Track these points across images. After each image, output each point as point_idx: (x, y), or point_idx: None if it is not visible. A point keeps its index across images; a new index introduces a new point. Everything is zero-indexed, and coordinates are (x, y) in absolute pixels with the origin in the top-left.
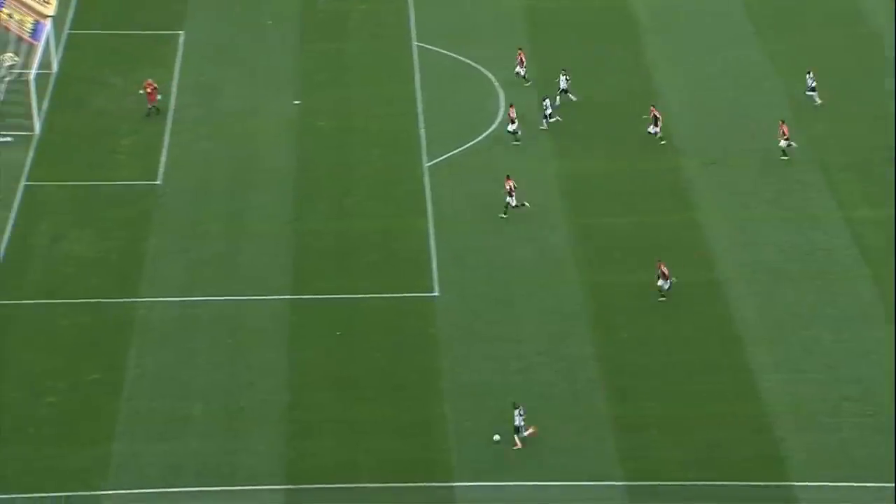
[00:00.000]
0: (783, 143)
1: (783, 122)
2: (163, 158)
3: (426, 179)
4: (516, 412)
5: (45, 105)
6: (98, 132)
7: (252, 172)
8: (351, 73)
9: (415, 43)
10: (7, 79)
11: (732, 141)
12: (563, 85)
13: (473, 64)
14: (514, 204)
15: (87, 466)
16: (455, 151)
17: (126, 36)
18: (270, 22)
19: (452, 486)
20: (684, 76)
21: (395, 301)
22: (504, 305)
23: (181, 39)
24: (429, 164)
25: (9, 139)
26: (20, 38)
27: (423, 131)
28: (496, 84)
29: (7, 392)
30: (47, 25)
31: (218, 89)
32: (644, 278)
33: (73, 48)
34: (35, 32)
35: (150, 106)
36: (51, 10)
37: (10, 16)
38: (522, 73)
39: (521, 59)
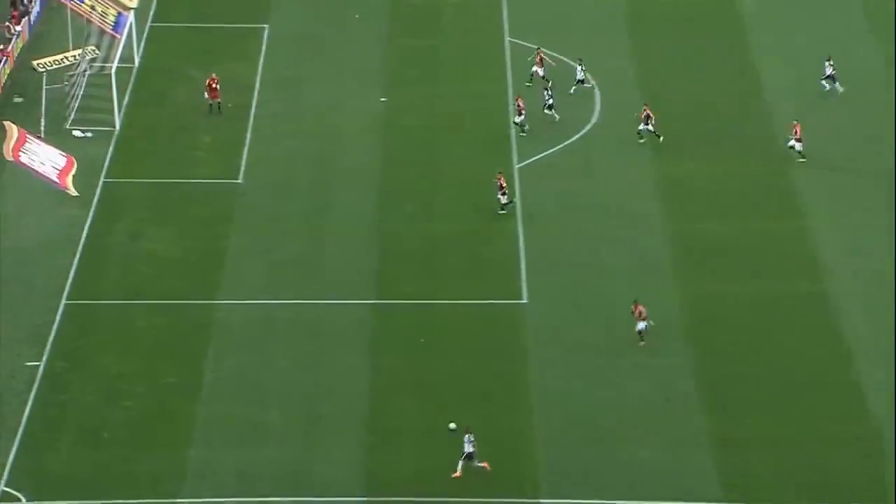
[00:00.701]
0: (796, 145)
1: (797, 123)
2: (244, 155)
3: (516, 181)
4: (466, 438)
5: (126, 100)
6: (178, 128)
7: (335, 171)
8: (440, 69)
9: (507, 38)
10: (88, 72)
11: (845, 144)
12: (579, 75)
13: (569, 61)
14: (504, 202)
15: (163, 472)
16: (548, 152)
17: (209, 29)
18: (358, 15)
19: (539, 503)
20: (792, 75)
21: (482, 307)
22: (597, 314)
23: (265, 33)
24: (519, 165)
25: (88, 134)
26: (102, 31)
27: (513, 131)
28: (592, 81)
29: (83, 395)
30: (129, 18)
31: (302, 84)
32: (747, 288)
33: (154, 41)
34: (117, 25)
35: (210, 102)
36: (133, 2)
37: (92, 7)
38: (542, 73)
39: (540, 58)
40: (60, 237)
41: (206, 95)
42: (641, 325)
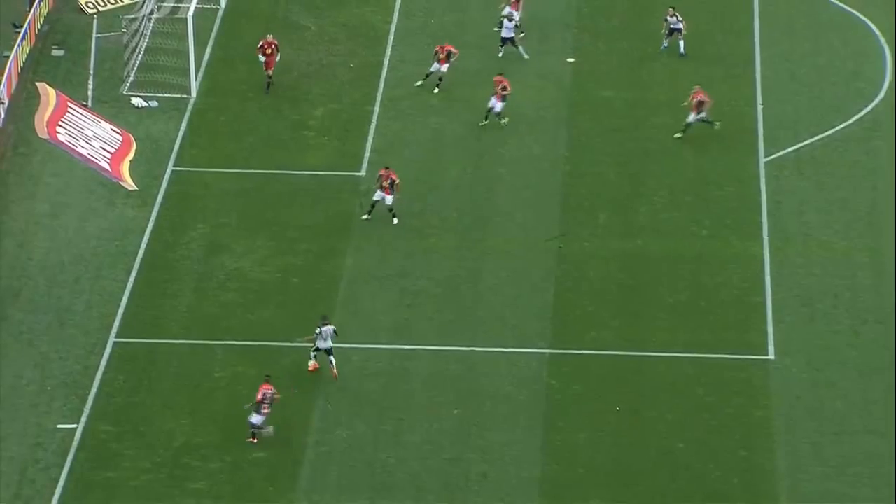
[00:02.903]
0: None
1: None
2: (370, 137)
3: (762, 182)
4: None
5: (206, 56)
6: (278, 97)
7: (499, 163)
8: (654, 18)
9: None
10: (156, 15)
11: None
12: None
13: (847, 8)
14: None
15: None
16: (809, 141)
17: None
18: None
19: None
20: None
21: (707, 363)
22: (872, 382)
23: None
24: (767, 158)
25: (153, 103)
26: None
27: (760, 110)
28: (881, 39)
29: (136, 472)
30: None
31: (455, 37)
32: None
33: None
34: None
35: (268, 75)
36: None
37: None
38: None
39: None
40: (110, 248)
41: (262, 64)
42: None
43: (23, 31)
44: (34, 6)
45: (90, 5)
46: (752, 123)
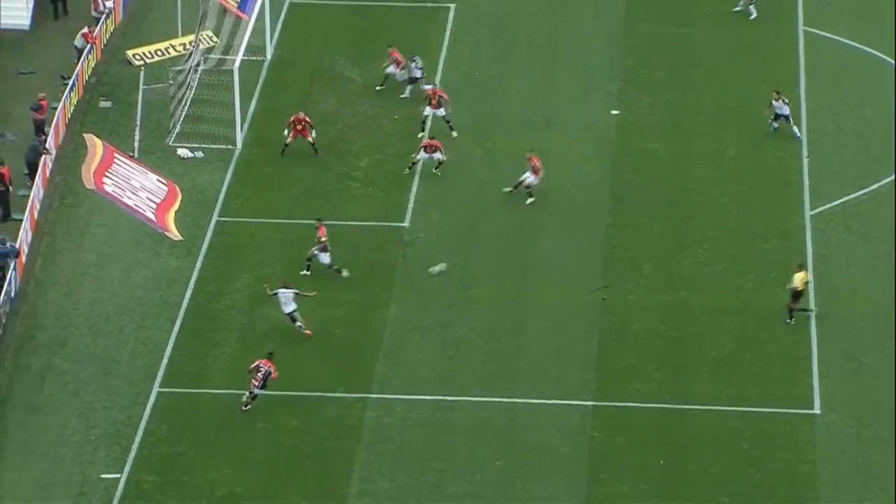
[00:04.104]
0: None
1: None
2: (413, 188)
3: (808, 234)
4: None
5: (253, 106)
6: (324, 147)
7: (542, 214)
8: (699, 69)
9: (801, 27)
10: (202, 67)
11: None
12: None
13: (891, 61)
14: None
15: None
16: (855, 194)
17: (371, 9)
18: None
19: None
20: None
21: (751, 417)
22: None
23: (450, 14)
24: (813, 211)
25: (199, 154)
26: (224, 10)
27: (806, 161)
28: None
29: None
30: None
31: (499, 88)
32: None
33: (295, 25)
34: (244, 1)
35: (288, 139)
36: None
37: None
38: (396, 73)
39: (397, 58)
40: (154, 299)
41: (286, 135)
42: None
43: (70, 82)
44: (82, 58)
45: (137, 57)
46: (797, 176)
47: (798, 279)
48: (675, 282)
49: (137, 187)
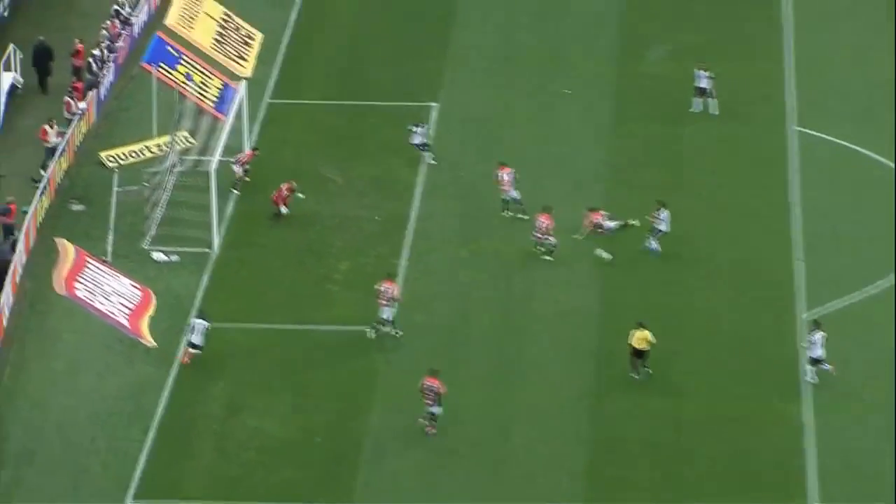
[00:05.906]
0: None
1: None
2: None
3: (797, 336)
4: None
5: (230, 209)
6: (304, 250)
7: (530, 317)
8: (690, 170)
9: (793, 127)
10: (178, 168)
11: None
12: None
13: (886, 161)
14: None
15: None
16: (855, 297)
17: (352, 109)
18: (569, 91)
19: None
20: None
21: None
22: None
23: (433, 114)
24: (807, 315)
25: (174, 258)
26: (199, 111)
27: (799, 264)
28: None
29: None
30: (239, 91)
31: (482, 190)
32: None
33: (274, 125)
34: (221, 102)
35: (277, 208)
36: (247, 69)
37: (187, 78)
38: (241, 172)
39: (246, 157)
40: (128, 407)
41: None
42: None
43: (41, 185)
44: (53, 160)
45: (111, 159)
46: (790, 279)
47: (637, 337)
48: (667, 389)
49: (109, 292)
